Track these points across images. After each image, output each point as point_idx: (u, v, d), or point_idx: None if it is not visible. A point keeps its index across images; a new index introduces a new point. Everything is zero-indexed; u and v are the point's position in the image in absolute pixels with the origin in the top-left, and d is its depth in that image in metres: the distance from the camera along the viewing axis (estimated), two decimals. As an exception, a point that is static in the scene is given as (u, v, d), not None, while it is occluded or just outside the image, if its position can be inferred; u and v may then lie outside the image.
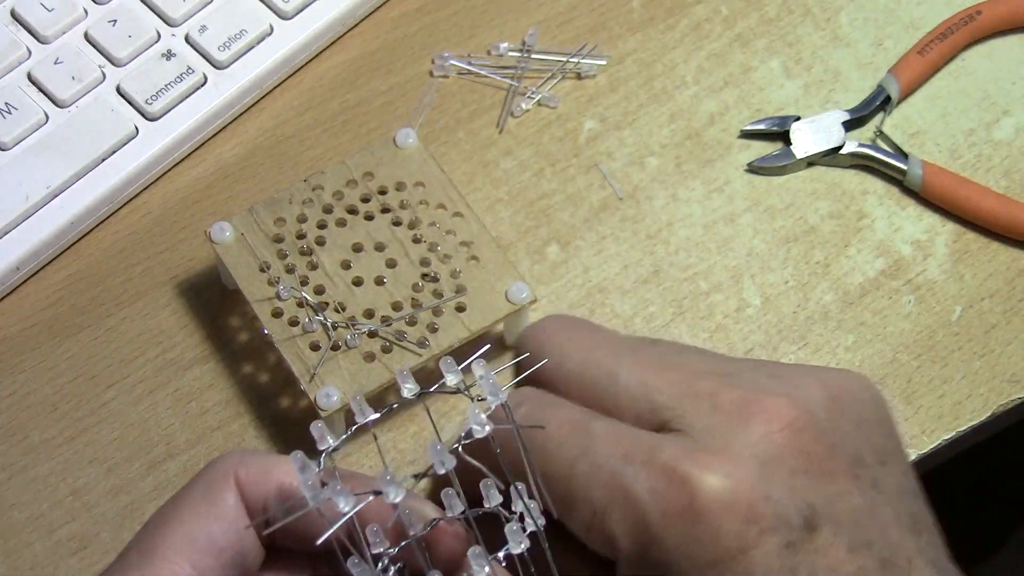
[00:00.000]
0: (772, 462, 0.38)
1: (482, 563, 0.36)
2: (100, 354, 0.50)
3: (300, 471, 0.36)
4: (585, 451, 0.40)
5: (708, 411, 0.40)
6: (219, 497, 0.37)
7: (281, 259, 0.48)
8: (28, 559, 0.46)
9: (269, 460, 0.38)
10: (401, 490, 0.36)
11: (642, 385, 0.42)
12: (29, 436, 0.49)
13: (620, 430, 0.40)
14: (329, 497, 0.36)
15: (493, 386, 0.38)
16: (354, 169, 0.50)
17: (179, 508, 0.37)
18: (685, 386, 0.41)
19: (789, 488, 0.38)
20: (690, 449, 0.39)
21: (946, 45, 0.56)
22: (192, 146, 0.54)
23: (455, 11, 0.59)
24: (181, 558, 0.36)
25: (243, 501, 0.37)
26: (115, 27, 0.54)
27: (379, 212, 0.50)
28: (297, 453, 0.36)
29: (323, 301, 0.47)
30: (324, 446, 0.38)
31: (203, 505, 0.37)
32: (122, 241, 0.53)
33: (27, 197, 0.51)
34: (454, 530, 0.38)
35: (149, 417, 0.49)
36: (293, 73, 0.57)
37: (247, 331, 0.51)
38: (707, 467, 0.38)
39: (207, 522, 0.37)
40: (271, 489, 0.37)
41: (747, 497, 0.38)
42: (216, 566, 0.36)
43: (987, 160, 0.55)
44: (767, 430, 0.39)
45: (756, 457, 0.38)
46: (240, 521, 0.37)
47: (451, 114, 0.56)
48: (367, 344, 0.46)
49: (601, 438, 0.40)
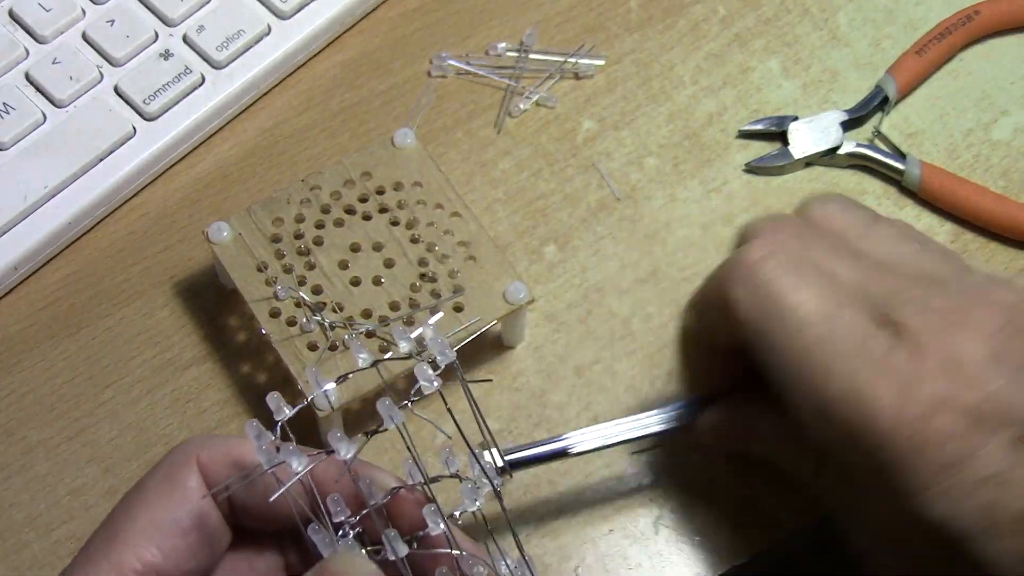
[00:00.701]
0: (993, 358, 0.39)
1: (436, 520, 0.37)
2: (98, 354, 0.50)
3: (256, 438, 0.37)
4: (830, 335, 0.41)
5: (924, 314, 0.41)
6: (181, 481, 0.37)
7: (279, 259, 0.48)
8: (26, 559, 0.46)
9: (229, 441, 0.39)
10: (352, 446, 0.37)
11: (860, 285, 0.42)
12: (27, 436, 0.49)
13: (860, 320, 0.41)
14: (284, 460, 0.37)
15: (442, 345, 0.39)
16: (352, 169, 0.50)
17: (143, 494, 0.38)
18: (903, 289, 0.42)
19: (1016, 383, 0.39)
20: (915, 351, 0.40)
21: (944, 45, 0.56)
22: (190, 146, 0.54)
23: (453, 11, 0.59)
24: (147, 542, 0.36)
25: (206, 483, 0.38)
26: (113, 27, 0.54)
27: (377, 212, 0.50)
28: (252, 421, 0.37)
29: (321, 301, 0.47)
30: (280, 416, 0.38)
31: (166, 489, 0.37)
32: (120, 241, 0.53)
33: (25, 197, 0.51)
34: (415, 496, 0.38)
35: (147, 417, 0.49)
36: (291, 73, 0.57)
37: (245, 331, 0.51)
38: (930, 373, 0.39)
39: (171, 505, 0.37)
40: (233, 471, 0.38)
41: (972, 397, 0.38)
42: (182, 547, 0.37)
43: (985, 160, 0.55)
44: (987, 330, 0.40)
45: (977, 354, 0.39)
46: (204, 504, 0.37)
47: (449, 114, 0.56)
48: (365, 344, 0.46)
49: (846, 322, 0.41)
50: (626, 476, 0.48)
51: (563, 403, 0.50)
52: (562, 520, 0.47)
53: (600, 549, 0.47)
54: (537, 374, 0.50)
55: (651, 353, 0.51)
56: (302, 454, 0.37)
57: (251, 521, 0.39)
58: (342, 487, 0.38)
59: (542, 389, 0.50)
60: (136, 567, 0.36)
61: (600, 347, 0.51)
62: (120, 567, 0.36)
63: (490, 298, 0.48)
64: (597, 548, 0.47)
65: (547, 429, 0.49)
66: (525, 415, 0.49)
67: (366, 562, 0.36)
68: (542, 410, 0.49)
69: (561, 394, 0.50)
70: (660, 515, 0.47)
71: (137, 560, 0.36)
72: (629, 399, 0.50)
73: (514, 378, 0.50)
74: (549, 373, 0.50)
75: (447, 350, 0.39)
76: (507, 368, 0.50)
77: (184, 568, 0.37)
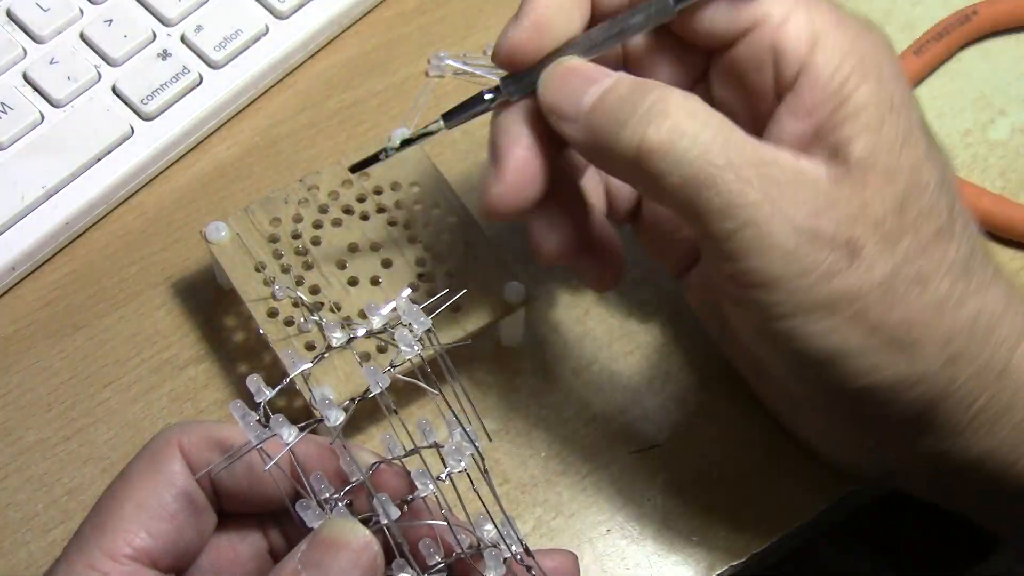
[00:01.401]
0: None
1: (426, 482, 0.37)
2: (96, 354, 0.50)
3: (241, 417, 0.37)
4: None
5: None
6: (165, 465, 0.38)
7: (276, 259, 0.48)
8: (24, 558, 0.46)
9: (210, 426, 0.39)
10: (341, 413, 0.38)
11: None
12: (24, 436, 0.49)
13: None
14: (274, 431, 0.37)
15: (416, 313, 0.39)
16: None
17: (128, 481, 0.38)
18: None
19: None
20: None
21: (942, 45, 0.56)
22: (188, 146, 0.54)
23: (450, 11, 0.59)
24: (135, 526, 0.37)
25: (189, 467, 0.38)
26: (111, 27, 0.54)
27: (375, 212, 0.50)
28: (236, 401, 0.38)
29: (318, 301, 0.47)
30: (261, 398, 0.38)
31: (150, 474, 0.38)
32: (118, 241, 0.53)
33: (23, 197, 0.51)
34: (395, 469, 0.39)
35: (145, 417, 0.49)
36: (289, 73, 0.57)
37: (242, 331, 0.51)
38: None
39: (157, 489, 0.37)
40: (214, 453, 0.38)
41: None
42: (170, 530, 0.37)
43: (983, 160, 0.55)
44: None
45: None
46: (188, 486, 0.38)
47: (447, 114, 0.56)
48: (362, 344, 0.46)
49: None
50: (623, 476, 0.48)
51: (560, 403, 0.50)
52: (559, 520, 0.47)
53: (598, 549, 0.47)
54: (534, 374, 0.50)
55: (648, 354, 0.51)
56: (292, 426, 0.37)
57: (235, 504, 0.39)
58: (324, 466, 0.38)
59: (539, 389, 0.50)
60: (127, 551, 0.36)
61: (597, 347, 0.51)
62: (112, 553, 0.36)
63: (488, 298, 0.48)
64: (595, 548, 0.47)
65: (545, 429, 0.49)
66: (522, 415, 0.49)
67: (360, 527, 0.36)
68: (539, 410, 0.49)
69: (558, 394, 0.50)
70: (657, 515, 0.47)
71: (127, 545, 0.36)
72: (626, 400, 0.50)
73: (511, 378, 0.50)
74: (546, 373, 0.50)
75: (421, 317, 0.39)
76: (504, 368, 0.50)
77: (173, 551, 0.38)
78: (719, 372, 0.49)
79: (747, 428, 0.49)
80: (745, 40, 0.41)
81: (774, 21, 0.40)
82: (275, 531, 0.41)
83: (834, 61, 0.40)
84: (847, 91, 0.39)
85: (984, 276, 0.41)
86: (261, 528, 0.41)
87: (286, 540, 0.41)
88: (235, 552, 0.40)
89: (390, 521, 0.37)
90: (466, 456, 0.38)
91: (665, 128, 0.38)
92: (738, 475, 0.48)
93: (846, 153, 0.39)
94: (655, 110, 0.39)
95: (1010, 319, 0.41)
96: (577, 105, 0.40)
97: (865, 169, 0.39)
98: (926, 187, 0.40)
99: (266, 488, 0.38)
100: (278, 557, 0.39)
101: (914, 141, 0.40)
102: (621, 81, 0.40)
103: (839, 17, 0.41)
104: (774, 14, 0.41)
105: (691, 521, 0.47)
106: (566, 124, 0.41)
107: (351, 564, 0.35)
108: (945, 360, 0.40)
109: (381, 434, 0.48)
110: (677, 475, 0.48)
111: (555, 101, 0.41)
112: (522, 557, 0.38)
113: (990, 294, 0.41)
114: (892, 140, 0.39)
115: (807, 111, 0.40)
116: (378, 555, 0.36)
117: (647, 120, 0.39)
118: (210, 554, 0.40)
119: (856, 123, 0.39)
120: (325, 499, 0.37)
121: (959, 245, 0.40)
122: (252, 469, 0.38)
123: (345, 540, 0.36)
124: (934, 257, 0.39)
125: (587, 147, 0.41)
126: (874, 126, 0.39)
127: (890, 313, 0.39)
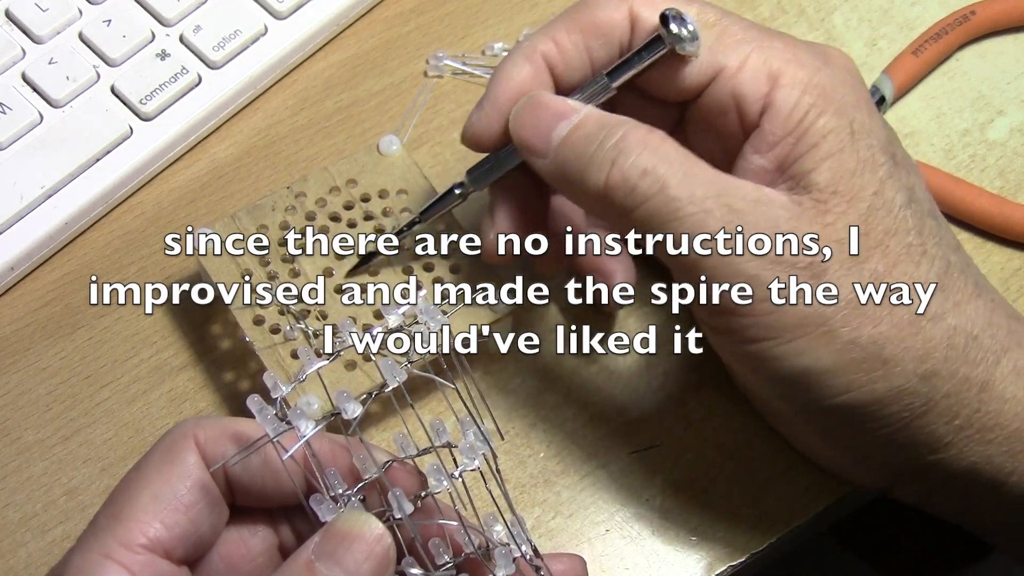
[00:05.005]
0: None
1: (440, 478, 0.38)
2: (94, 354, 0.50)
3: (258, 412, 0.38)
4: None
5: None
6: (180, 457, 0.38)
7: (263, 266, 0.48)
8: (22, 559, 0.46)
9: (225, 421, 0.39)
10: (358, 405, 0.38)
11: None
12: (23, 436, 0.49)
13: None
14: (292, 424, 0.37)
15: (432, 311, 0.40)
16: (337, 176, 0.50)
17: (143, 472, 0.38)
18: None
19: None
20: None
21: (940, 45, 0.56)
22: (186, 146, 0.54)
23: (449, 11, 0.59)
24: (150, 516, 0.37)
25: (204, 460, 0.39)
26: (109, 27, 0.54)
27: (362, 219, 0.49)
28: (254, 396, 0.38)
29: (305, 309, 0.47)
30: (277, 393, 0.39)
31: (166, 466, 0.38)
32: (116, 241, 0.53)
33: (21, 197, 0.51)
34: (408, 467, 0.39)
35: (143, 417, 0.49)
36: (287, 73, 0.57)
37: (234, 337, 0.51)
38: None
39: (172, 481, 0.38)
40: (229, 447, 0.39)
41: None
42: (184, 521, 0.38)
43: (981, 160, 0.55)
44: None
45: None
46: (203, 478, 0.38)
47: (445, 114, 0.56)
48: (348, 352, 0.46)
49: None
50: (622, 476, 0.48)
51: (559, 404, 0.50)
52: (558, 520, 0.47)
53: (597, 549, 0.47)
54: (532, 375, 0.50)
55: (648, 354, 0.51)
56: (309, 419, 0.38)
57: (248, 498, 0.40)
58: (338, 463, 0.39)
59: (538, 390, 0.50)
60: (142, 541, 0.37)
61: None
62: (127, 543, 0.37)
63: (476, 306, 0.47)
64: (594, 548, 0.47)
65: (544, 429, 0.49)
66: (521, 416, 0.49)
67: (373, 519, 0.36)
68: (538, 411, 0.49)
69: (557, 395, 0.50)
70: (656, 515, 0.48)
71: (142, 535, 0.37)
72: (626, 400, 0.50)
73: (509, 380, 0.50)
74: (544, 374, 0.50)
75: (439, 315, 0.40)
76: (502, 370, 0.50)
77: (187, 542, 0.38)
78: (719, 373, 0.49)
79: (746, 428, 0.49)
80: (708, 90, 0.43)
81: (731, 70, 0.42)
82: (286, 527, 0.41)
83: (793, 97, 0.41)
84: (806, 124, 0.41)
85: (962, 291, 0.41)
86: (272, 524, 0.41)
87: (297, 536, 0.41)
88: (246, 546, 0.40)
89: (404, 516, 0.37)
90: (479, 455, 0.39)
91: (628, 165, 0.40)
92: (737, 475, 0.48)
93: (808, 182, 0.40)
94: (618, 147, 0.40)
95: (991, 334, 0.41)
96: (546, 142, 0.42)
97: (826, 195, 0.40)
98: (891, 207, 0.41)
99: (280, 482, 0.39)
100: (288, 553, 0.40)
101: (877, 164, 0.41)
102: (588, 117, 0.42)
103: (796, 54, 0.42)
104: (730, 64, 0.42)
105: (690, 521, 0.47)
106: (536, 160, 0.43)
107: (364, 555, 0.36)
108: (921, 376, 0.40)
109: (388, 438, 0.48)
110: (676, 475, 0.48)
111: (525, 137, 0.43)
112: (531, 558, 0.38)
113: (969, 309, 0.41)
114: (852, 166, 0.41)
115: (769, 146, 0.41)
116: (391, 547, 0.36)
117: (610, 157, 0.40)
118: (221, 547, 0.40)
119: (816, 153, 0.40)
120: (339, 494, 0.38)
121: (932, 261, 0.41)
122: (267, 463, 0.39)
123: (359, 532, 0.36)
124: (905, 274, 0.40)
125: (557, 183, 0.43)
126: (834, 154, 0.40)
127: (862, 331, 0.40)
